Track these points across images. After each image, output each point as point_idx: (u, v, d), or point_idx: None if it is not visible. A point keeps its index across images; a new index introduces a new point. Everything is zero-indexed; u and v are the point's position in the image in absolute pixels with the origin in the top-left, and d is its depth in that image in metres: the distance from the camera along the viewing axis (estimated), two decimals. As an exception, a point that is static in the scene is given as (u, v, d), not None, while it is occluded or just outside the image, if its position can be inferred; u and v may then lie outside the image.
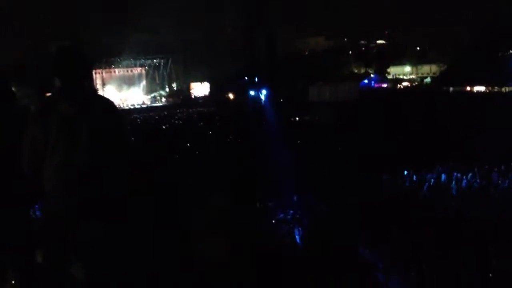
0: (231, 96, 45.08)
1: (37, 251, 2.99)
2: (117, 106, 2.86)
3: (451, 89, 40.65)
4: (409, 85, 49.30)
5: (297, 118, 32.30)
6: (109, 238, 2.59)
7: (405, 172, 15.18)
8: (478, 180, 13.97)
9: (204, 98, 46.05)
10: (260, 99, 43.35)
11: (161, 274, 2.74)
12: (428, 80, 50.31)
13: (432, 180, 14.43)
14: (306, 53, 55.18)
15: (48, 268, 2.68)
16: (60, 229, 2.55)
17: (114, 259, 2.63)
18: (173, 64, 46.44)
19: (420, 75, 53.04)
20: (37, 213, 3.42)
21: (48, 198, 2.53)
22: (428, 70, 52.46)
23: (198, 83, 47.07)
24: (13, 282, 2.95)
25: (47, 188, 2.50)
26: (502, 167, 15.03)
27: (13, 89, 3.10)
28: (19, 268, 2.97)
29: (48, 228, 2.64)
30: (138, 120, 31.64)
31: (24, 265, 2.96)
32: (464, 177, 14.27)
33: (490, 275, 4.20)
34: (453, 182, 14.01)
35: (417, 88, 46.64)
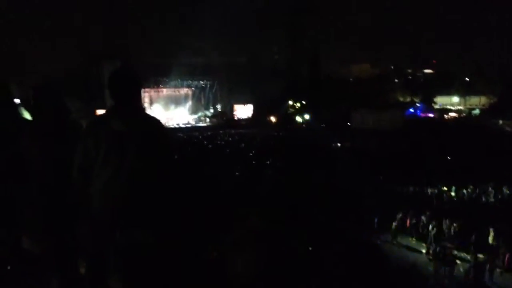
0: (273, 119, 45.33)
1: (80, 262, 3.09)
2: (164, 125, 2.96)
3: (500, 122, 39.11)
4: (457, 116, 47.84)
5: (338, 144, 31.99)
6: (148, 249, 2.64)
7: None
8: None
9: (247, 120, 46.54)
10: (303, 123, 43.33)
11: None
12: (477, 111, 48.65)
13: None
14: (351, 79, 54.88)
15: (89, 279, 2.76)
16: (102, 241, 2.63)
17: (153, 271, 2.67)
18: (218, 86, 47.39)
19: (468, 106, 51.39)
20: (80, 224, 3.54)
21: (93, 210, 2.62)
22: (477, 102, 50.77)
23: (241, 105, 47.71)
24: (56, 290, 3.04)
25: (95, 200, 2.60)
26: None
27: (67, 103, 3.26)
28: (62, 277, 3.07)
29: (91, 240, 2.72)
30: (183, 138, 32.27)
31: (67, 274, 3.06)
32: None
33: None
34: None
35: (466, 120, 45.10)
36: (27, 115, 3.31)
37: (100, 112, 25.70)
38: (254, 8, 46.39)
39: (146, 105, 42.72)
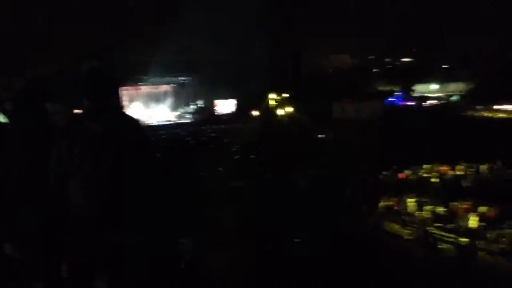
0: (255, 113, 45.30)
1: (63, 264, 3.06)
2: (144, 123, 2.94)
3: (478, 107, 39.81)
4: (437, 103, 48.47)
5: (319, 136, 32.26)
6: (133, 250, 2.62)
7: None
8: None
9: (229, 115, 46.40)
10: (285, 116, 43.50)
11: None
12: (455, 98, 49.41)
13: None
14: (330, 70, 55.02)
15: (72, 282, 2.73)
16: (85, 243, 2.60)
17: (138, 272, 2.66)
18: (199, 82, 47.09)
19: (447, 93, 52.12)
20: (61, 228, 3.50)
21: (73, 212, 2.59)
22: (456, 88, 51.56)
23: (223, 100, 47.50)
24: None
25: (73, 202, 2.57)
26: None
27: (46, 105, 3.21)
28: (46, 281, 3.04)
29: (74, 242, 2.69)
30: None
31: (50, 278, 3.03)
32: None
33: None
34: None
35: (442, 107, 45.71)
36: (1, 118, 3.25)
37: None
38: (235, 5, 46.00)
39: (125, 103, 42.19)
